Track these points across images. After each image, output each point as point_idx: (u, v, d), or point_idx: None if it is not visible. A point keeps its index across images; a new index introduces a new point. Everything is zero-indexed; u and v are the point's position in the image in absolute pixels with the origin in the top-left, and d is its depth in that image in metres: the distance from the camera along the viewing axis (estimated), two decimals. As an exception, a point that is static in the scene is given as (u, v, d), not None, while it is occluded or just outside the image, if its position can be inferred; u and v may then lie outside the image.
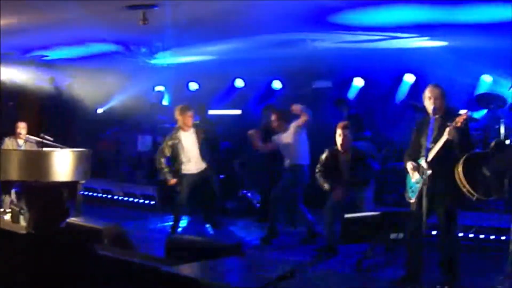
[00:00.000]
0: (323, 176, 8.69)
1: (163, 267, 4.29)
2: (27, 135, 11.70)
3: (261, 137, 10.11)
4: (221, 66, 13.81)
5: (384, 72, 12.77)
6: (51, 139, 11.13)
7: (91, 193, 14.06)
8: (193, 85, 15.58)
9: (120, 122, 15.84)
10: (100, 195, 14.18)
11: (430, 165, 6.27)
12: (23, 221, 8.23)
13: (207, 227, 10.44)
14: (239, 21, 9.85)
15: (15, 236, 5.02)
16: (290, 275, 4.17)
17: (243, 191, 12.58)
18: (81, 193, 11.00)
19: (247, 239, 9.87)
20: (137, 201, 13.58)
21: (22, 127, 11.74)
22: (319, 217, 9.27)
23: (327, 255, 8.33)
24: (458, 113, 6.59)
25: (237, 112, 15.23)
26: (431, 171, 6.24)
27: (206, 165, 10.07)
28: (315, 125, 12.84)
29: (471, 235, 8.96)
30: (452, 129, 6.29)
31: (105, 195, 14.14)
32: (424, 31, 10.26)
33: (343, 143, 8.44)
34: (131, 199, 13.70)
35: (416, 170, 6.71)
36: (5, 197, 10.94)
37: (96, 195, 14.18)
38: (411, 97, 12.18)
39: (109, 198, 14.04)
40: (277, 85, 14.54)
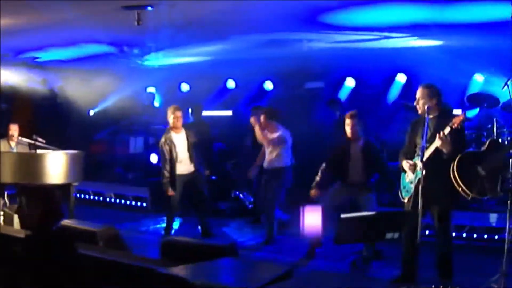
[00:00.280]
0: (331, 167, 8.66)
1: (158, 269, 4.28)
2: (20, 137, 11.67)
3: (251, 138, 10.07)
4: (212, 67, 13.80)
5: (376, 72, 12.79)
6: (44, 141, 11.09)
7: (83, 195, 14.01)
8: (185, 86, 15.57)
9: (112, 123, 15.81)
10: (91, 197, 14.12)
11: (425, 164, 6.27)
12: (17, 224, 8.17)
13: (199, 229, 10.42)
14: (231, 22, 9.85)
15: (10, 239, 5.00)
16: (287, 275, 4.18)
17: (236, 192, 12.57)
18: (74, 195, 10.95)
19: (240, 240, 9.87)
20: (129, 203, 13.53)
21: (14, 129, 11.72)
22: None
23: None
24: (453, 113, 6.60)
25: (229, 113, 15.23)
26: (425, 170, 6.25)
27: (194, 168, 10.03)
28: (307, 125, 12.92)
29: (464, 235, 9.00)
30: (443, 136, 6.31)
31: (96, 197, 14.08)
32: (415, 31, 10.27)
33: (351, 131, 8.44)
34: (123, 201, 13.66)
35: (411, 169, 6.73)
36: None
37: (87, 197, 14.13)
38: (403, 97, 12.20)
39: (100, 200, 13.99)
40: (269, 85, 14.54)
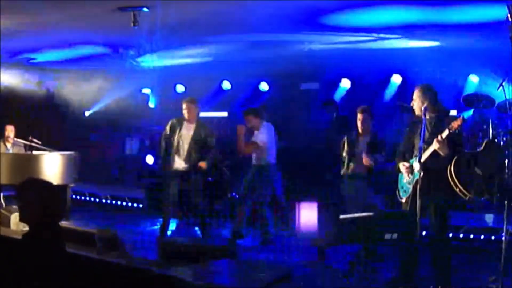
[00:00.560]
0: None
1: (157, 270, 4.29)
2: (15, 139, 11.65)
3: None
4: (208, 68, 13.79)
5: (371, 73, 12.80)
6: (39, 142, 11.08)
7: (79, 197, 13.96)
8: (180, 87, 15.55)
9: (108, 125, 15.78)
10: (87, 198, 14.08)
11: (422, 165, 6.28)
12: (13, 225, 8.15)
13: (196, 229, 10.38)
14: (226, 23, 9.85)
15: (7, 240, 4.99)
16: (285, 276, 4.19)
17: (232, 194, 12.55)
18: (70, 196, 10.95)
19: (238, 241, 9.85)
20: (125, 204, 13.50)
21: (10, 130, 11.70)
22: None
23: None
24: (450, 114, 6.60)
25: (224, 114, 15.22)
26: (423, 171, 6.25)
27: (191, 165, 9.81)
28: (302, 126, 12.94)
29: (461, 235, 9.01)
30: (441, 140, 6.31)
31: (92, 198, 14.04)
32: (411, 32, 10.29)
33: (362, 125, 8.44)
34: (119, 202, 13.62)
35: (407, 171, 6.73)
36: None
37: (83, 198, 14.08)
38: (398, 98, 12.21)
39: (96, 201, 13.95)
40: (264, 87, 14.54)
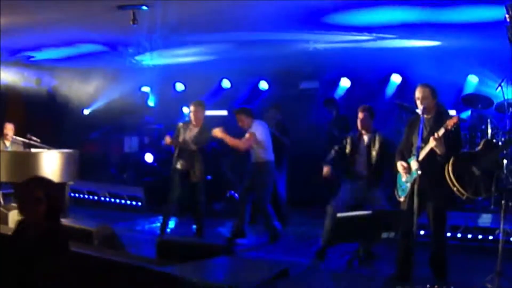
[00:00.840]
0: (339, 157, 8.62)
1: (156, 268, 4.30)
2: (14, 136, 11.64)
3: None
4: (207, 66, 13.79)
5: (371, 72, 12.81)
6: (38, 140, 11.08)
7: (78, 195, 13.96)
8: (180, 86, 15.55)
9: (107, 123, 15.76)
10: (86, 196, 14.07)
11: (420, 164, 6.29)
12: (12, 223, 8.14)
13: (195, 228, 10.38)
14: (225, 21, 9.86)
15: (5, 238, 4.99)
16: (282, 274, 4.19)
17: (231, 192, 12.57)
18: (69, 194, 10.94)
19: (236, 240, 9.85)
20: (124, 202, 13.51)
21: (9, 128, 11.69)
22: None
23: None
24: (449, 114, 6.61)
25: (224, 112, 15.20)
26: (421, 170, 6.26)
27: (188, 166, 9.83)
28: (302, 125, 12.93)
29: (459, 235, 9.03)
30: (437, 138, 6.32)
31: (91, 197, 14.04)
32: (410, 32, 10.30)
33: (362, 124, 8.41)
34: (118, 200, 13.63)
35: (405, 171, 6.74)
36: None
37: (82, 196, 14.08)
38: (398, 97, 12.22)
39: (95, 199, 13.95)
40: (264, 85, 14.54)
